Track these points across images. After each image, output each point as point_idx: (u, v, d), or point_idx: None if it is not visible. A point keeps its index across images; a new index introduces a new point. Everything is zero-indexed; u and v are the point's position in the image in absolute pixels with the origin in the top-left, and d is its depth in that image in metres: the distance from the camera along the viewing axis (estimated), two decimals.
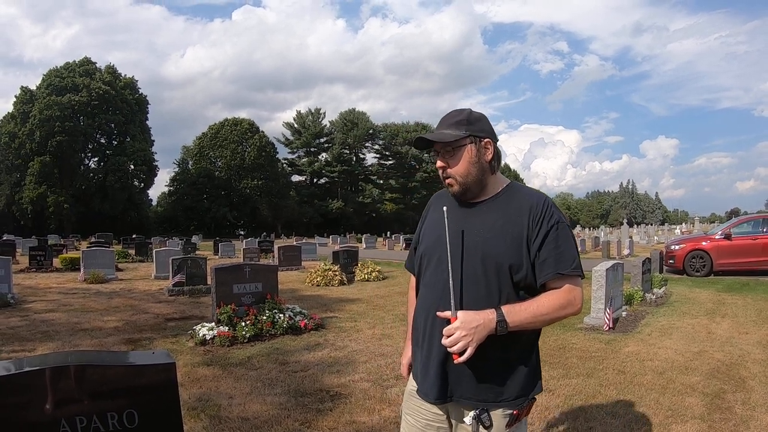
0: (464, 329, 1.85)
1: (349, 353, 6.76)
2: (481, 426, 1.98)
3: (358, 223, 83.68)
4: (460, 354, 1.86)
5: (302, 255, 21.33)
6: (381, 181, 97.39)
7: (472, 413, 1.98)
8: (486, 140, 2.05)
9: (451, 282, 1.92)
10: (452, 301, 1.90)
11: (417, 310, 2.18)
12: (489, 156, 2.06)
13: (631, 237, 32.89)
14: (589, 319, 8.13)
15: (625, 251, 25.34)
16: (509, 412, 1.99)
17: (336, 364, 6.28)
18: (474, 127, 2.03)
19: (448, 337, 1.87)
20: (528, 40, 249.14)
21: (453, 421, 2.12)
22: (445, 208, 2.03)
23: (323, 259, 17.24)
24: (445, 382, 2.02)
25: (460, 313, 1.88)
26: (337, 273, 14.97)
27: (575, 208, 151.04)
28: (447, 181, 2.09)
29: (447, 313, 1.90)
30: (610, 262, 8.55)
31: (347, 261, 17.09)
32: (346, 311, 10.20)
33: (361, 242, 43.19)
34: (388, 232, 61.98)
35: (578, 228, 70.92)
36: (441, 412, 2.15)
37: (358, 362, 6.31)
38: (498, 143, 2.11)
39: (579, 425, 4.24)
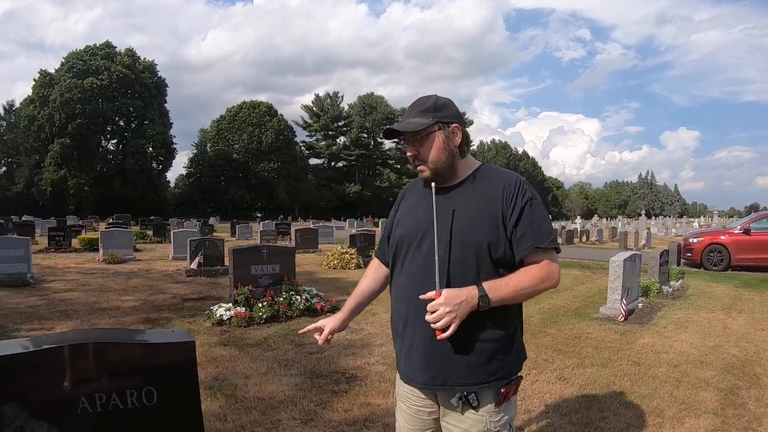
0: (448, 305, 1.88)
1: (365, 336, 6.83)
2: (468, 406, 2.02)
3: (375, 208, 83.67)
4: (444, 330, 1.89)
5: (319, 238, 21.51)
6: (398, 166, 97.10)
7: (458, 394, 2.02)
8: (454, 125, 2.09)
9: (437, 260, 1.95)
10: (437, 279, 1.93)
11: (396, 299, 2.20)
12: (458, 140, 2.09)
13: (648, 229, 32.62)
14: (605, 309, 8.12)
15: (642, 243, 25.18)
16: (497, 391, 2.02)
17: (352, 346, 6.35)
18: (441, 114, 2.07)
19: (432, 313, 1.89)
20: (550, 27, 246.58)
21: (441, 406, 2.14)
22: (434, 188, 2.06)
23: (340, 242, 17.30)
24: (430, 366, 2.04)
25: (443, 291, 1.91)
26: (353, 256, 15.08)
27: (593, 197, 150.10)
28: (418, 168, 2.11)
29: (430, 294, 1.93)
30: (628, 253, 8.51)
31: (364, 244, 17.14)
32: None
33: (377, 226, 43.21)
34: None
35: (595, 218, 70.48)
36: (429, 398, 2.18)
37: (374, 345, 6.37)
38: (466, 127, 2.14)
39: (593, 414, 4.26)
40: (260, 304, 7.64)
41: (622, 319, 7.71)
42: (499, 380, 2.02)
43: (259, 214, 71.07)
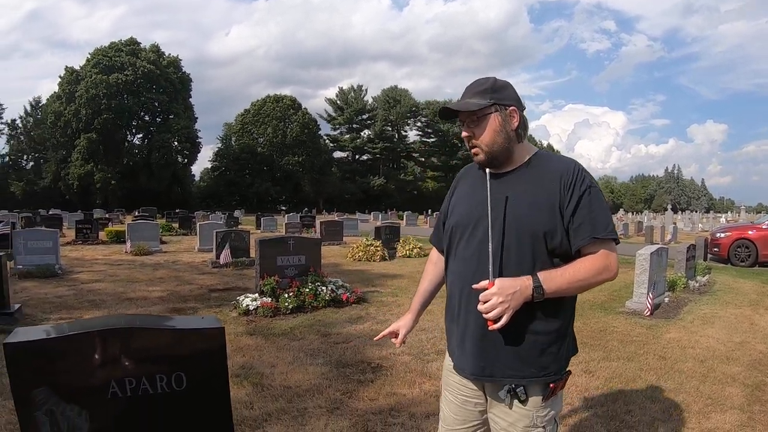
0: (501, 295, 1.83)
1: None
2: (516, 400, 1.99)
3: (399, 201, 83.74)
4: (496, 321, 1.85)
5: (344, 230, 21.54)
6: (423, 159, 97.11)
7: (506, 387, 1.99)
8: (511, 108, 2.02)
9: (490, 248, 1.91)
10: (490, 268, 1.89)
11: (451, 285, 2.17)
12: (515, 124, 2.03)
13: (675, 223, 32.29)
14: (631, 303, 8.07)
15: (669, 237, 24.92)
16: (545, 385, 1.98)
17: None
18: (499, 95, 2.01)
19: (485, 302, 1.85)
20: (575, 19, 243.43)
21: (489, 397, 2.12)
22: (488, 173, 2.01)
23: (365, 234, 17.36)
24: (481, 356, 2.01)
25: (497, 280, 1.86)
26: (378, 248, 15.13)
27: (619, 191, 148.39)
28: (473, 150, 2.06)
29: (483, 283, 1.88)
30: (655, 247, 8.44)
31: (389, 237, 17.21)
32: (388, 286, 10.34)
33: (402, 219, 43.25)
34: (429, 210, 61.92)
35: (621, 212, 69.70)
36: (478, 388, 2.16)
37: None
38: (524, 111, 2.08)
39: (618, 408, 4.26)
40: (286, 295, 7.72)
41: (648, 313, 7.66)
42: (548, 375, 1.97)
43: (283, 207, 71.46)
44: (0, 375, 4.92)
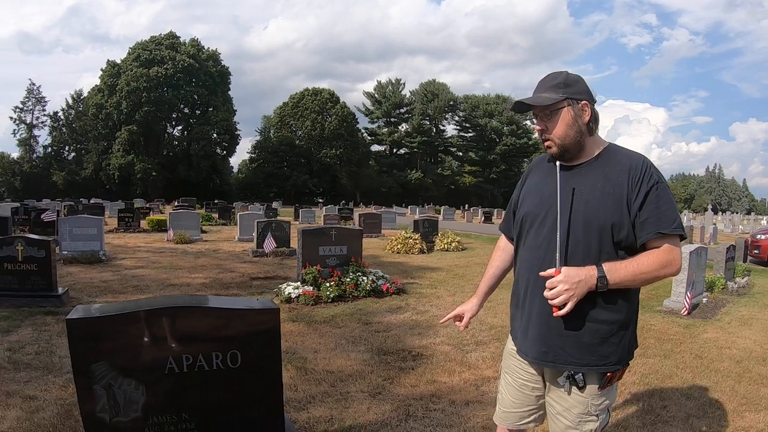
0: (567, 283, 1.92)
1: (430, 318, 7.02)
2: (574, 386, 2.08)
3: (436, 195, 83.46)
4: (560, 308, 1.95)
5: (382, 223, 21.70)
6: (460, 154, 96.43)
7: (566, 373, 2.08)
8: (583, 102, 2.08)
9: (558, 238, 1.99)
10: (558, 257, 1.98)
11: (518, 272, 2.26)
12: (586, 118, 2.09)
13: (715, 224, 31.56)
14: (669, 302, 8.08)
15: (708, 238, 24.52)
16: (603, 373, 2.06)
17: (417, 327, 6.56)
18: (571, 90, 2.07)
19: (551, 289, 1.95)
20: (615, 12, 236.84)
21: (547, 382, 2.23)
22: (559, 165, 2.09)
23: (403, 228, 17.43)
24: (544, 342, 2.10)
25: (563, 269, 1.95)
26: (417, 241, 15.22)
27: None
28: (546, 143, 2.12)
29: (550, 271, 1.98)
30: (694, 246, 8.40)
31: (428, 230, 17.30)
32: (427, 278, 10.46)
33: (439, 214, 43.21)
34: (466, 205, 61.71)
35: None
36: (537, 373, 2.27)
37: (439, 326, 6.54)
38: (595, 105, 2.14)
39: (654, 403, 4.33)
40: (327, 284, 7.93)
41: (686, 312, 7.66)
42: (607, 365, 2.04)
43: (321, 200, 71.84)
44: (50, 353, 5.22)
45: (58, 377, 4.59)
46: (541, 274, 2.02)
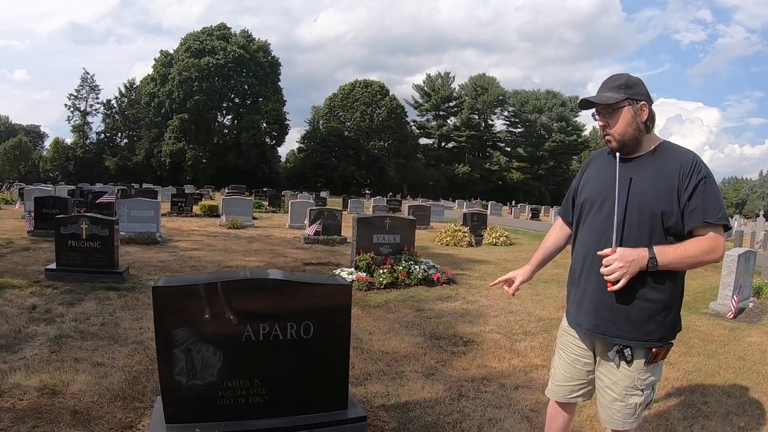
0: (622, 261, 2.15)
1: (480, 307, 7.24)
2: (622, 360, 2.31)
3: (483, 190, 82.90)
4: (615, 283, 2.18)
5: (431, 215, 21.85)
6: (509, 149, 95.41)
7: (615, 348, 2.31)
8: (642, 102, 2.28)
9: (615, 222, 2.22)
10: (614, 237, 2.21)
11: (576, 252, 2.50)
12: (644, 117, 2.29)
13: (766, 231, 30.78)
14: (715, 305, 8.08)
15: (759, 244, 23.99)
16: (649, 349, 2.29)
17: (467, 315, 6.79)
18: (632, 91, 2.26)
19: (607, 266, 2.18)
20: (669, 7, 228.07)
21: (598, 357, 2.47)
22: (618, 157, 2.31)
23: (451, 221, 17.57)
24: (596, 315, 2.33)
25: (618, 249, 2.19)
26: (466, 234, 15.38)
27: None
28: (606, 138, 2.34)
29: (607, 250, 2.21)
30: (743, 249, 8.37)
31: (476, 224, 17.46)
32: (476, 270, 10.66)
33: (486, 208, 43.11)
34: (514, 201, 61.30)
35: None
36: (588, 348, 2.52)
37: (489, 316, 6.77)
38: (653, 105, 2.34)
39: (695, 399, 4.42)
40: (380, 271, 8.22)
41: (731, 316, 7.68)
42: (651, 341, 2.27)
43: (368, 191, 72.08)
44: (114, 324, 5.62)
45: (123, 347, 4.92)
46: (599, 253, 2.25)
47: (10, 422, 3.36)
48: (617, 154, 2.33)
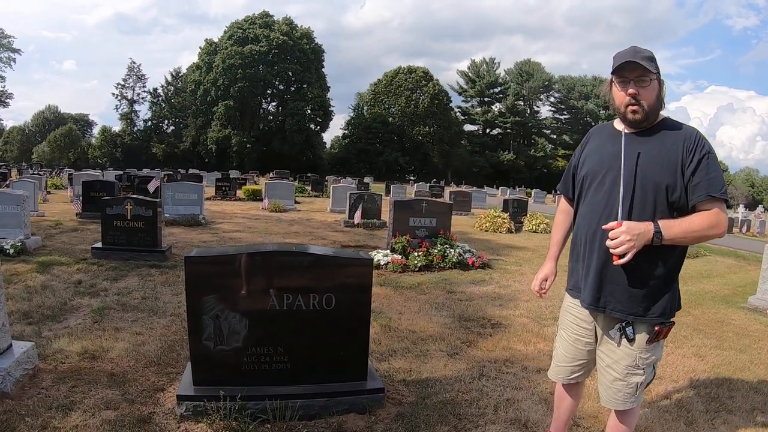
0: (629, 234, 2.15)
1: (512, 292, 7.28)
2: (624, 338, 2.35)
3: (528, 178, 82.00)
4: (621, 256, 2.18)
5: (472, 202, 21.92)
6: (554, 136, 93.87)
7: (617, 325, 2.34)
8: (662, 79, 2.33)
9: (621, 194, 2.25)
10: (620, 210, 2.23)
11: (578, 227, 2.53)
12: (664, 92, 2.34)
13: None
14: (754, 299, 7.88)
15: None
16: (652, 328, 2.31)
17: (499, 299, 6.84)
18: (656, 66, 2.28)
19: (614, 239, 2.18)
20: None
21: (599, 336, 2.50)
22: (624, 131, 2.35)
23: (493, 207, 17.52)
24: (599, 289, 2.36)
25: (624, 222, 2.19)
26: (505, 220, 15.37)
27: (760, 186, 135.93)
28: (632, 108, 2.29)
29: (612, 224, 2.21)
30: None
31: (516, 210, 17.39)
32: (512, 256, 10.67)
33: (530, 196, 42.67)
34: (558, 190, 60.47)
35: (760, 208, 63.96)
36: (590, 327, 2.55)
37: (520, 300, 6.80)
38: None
39: (721, 392, 4.34)
40: (416, 254, 8.32)
41: None
42: (652, 317, 2.31)
43: (412, 177, 72.06)
44: (154, 299, 5.89)
45: (161, 318, 5.22)
46: (605, 226, 2.26)
47: (52, 382, 3.61)
48: (623, 128, 2.37)
